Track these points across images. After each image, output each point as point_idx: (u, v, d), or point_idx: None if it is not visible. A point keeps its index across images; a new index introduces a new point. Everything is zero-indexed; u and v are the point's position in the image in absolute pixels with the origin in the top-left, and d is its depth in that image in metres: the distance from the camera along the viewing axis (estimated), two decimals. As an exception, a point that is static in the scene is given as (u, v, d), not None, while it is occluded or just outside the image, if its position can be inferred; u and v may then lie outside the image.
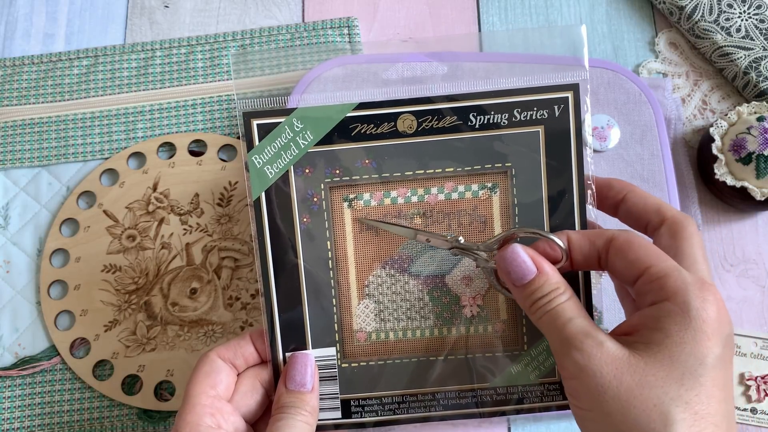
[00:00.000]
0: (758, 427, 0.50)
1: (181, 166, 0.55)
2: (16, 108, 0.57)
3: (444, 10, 0.61)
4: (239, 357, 0.40)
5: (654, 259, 0.33)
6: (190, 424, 0.36)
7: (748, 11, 0.56)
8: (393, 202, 0.41)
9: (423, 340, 0.41)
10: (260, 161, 0.40)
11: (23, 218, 0.55)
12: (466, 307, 0.41)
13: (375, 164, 0.40)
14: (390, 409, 0.41)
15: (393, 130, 0.40)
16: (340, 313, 0.41)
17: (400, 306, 0.41)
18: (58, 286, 0.54)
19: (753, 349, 0.52)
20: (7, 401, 0.51)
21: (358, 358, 0.41)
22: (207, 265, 0.53)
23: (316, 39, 0.58)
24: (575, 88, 0.39)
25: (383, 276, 0.41)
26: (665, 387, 0.30)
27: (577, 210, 0.40)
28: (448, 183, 0.41)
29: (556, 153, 0.39)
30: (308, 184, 0.40)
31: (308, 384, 0.39)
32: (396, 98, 0.40)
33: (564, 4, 0.60)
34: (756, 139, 0.50)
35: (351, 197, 0.41)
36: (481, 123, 0.40)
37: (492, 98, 0.39)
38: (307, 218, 0.40)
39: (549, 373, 0.41)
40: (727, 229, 0.55)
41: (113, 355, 0.52)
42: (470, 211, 0.41)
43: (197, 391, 0.37)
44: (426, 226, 0.41)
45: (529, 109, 0.39)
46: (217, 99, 0.57)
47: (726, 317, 0.32)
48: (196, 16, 0.61)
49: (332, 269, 0.41)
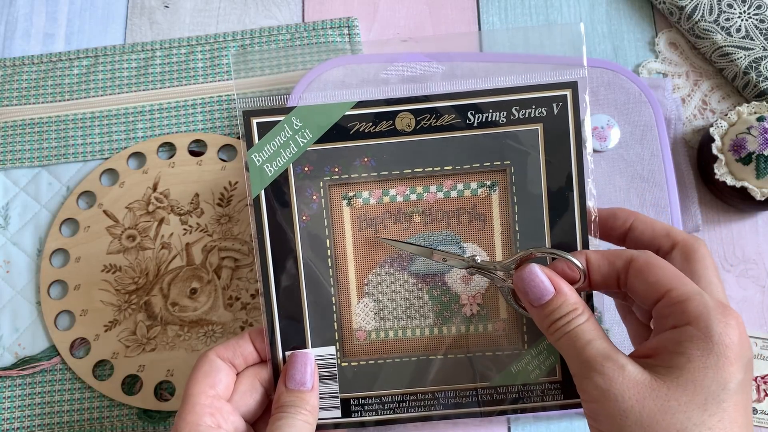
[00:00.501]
0: (758, 427, 0.50)
1: (181, 166, 0.55)
2: (16, 108, 0.57)
3: (444, 10, 0.61)
4: (238, 356, 0.40)
5: (675, 282, 0.33)
6: (190, 423, 0.36)
7: (748, 11, 0.56)
8: (392, 200, 0.41)
9: (423, 338, 0.41)
10: (260, 159, 0.40)
11: (23, 218, 0.55)
12: (466, 306, 0.41)
13: (374, 162, 0.40)
14: (390, 408, 0.41)
15: (391, 128, 0.40)
16: (340, 312, 0.41)
17: (400, 305, 0.41)
18: (58, 286, 0.54)
19: (753, 349, 0.52)
20: (7, 401, 0.51)
21: (357, 357, 0.41)
22: (207, 265, 0.53)
23: (316, 39, 0.58)
24: (574, 86, 0.39)
25: (383, 274, 0.41)
26: (688, 412, 0.30)
27: (577, 207, 0.39)
28: (447, 181, 0.40)
29: (556, 151, 0.39)
30: (307, 182, 0.40)
31: (308, 383, 0.39)
32: (394, 97, 0.40)
33: (564, 4, 0.60)
34: (756, 139, 0.50)
35: (350, 195, 0.41)
36: (479, 121, 0.40)
37: (490, 96, 0.39)
38: (306, 216, 0.40)
39: (549, 372, 0.40)
40: (727, 229, 0.55)
41: (113, 355, 0.52)
42: (469, 209, 0.41)
43: (196, 391, 0.37)
44: (425, 225, 0.41)
45: (528, 107, 0.39)
46: (217, 99, 0.57)
47: (747, 342, 0.32)
48: (196, 16, 0.61)
49: (331, 267, 0.41)
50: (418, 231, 0.41)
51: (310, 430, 0.38)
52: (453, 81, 0.42)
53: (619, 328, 0.49)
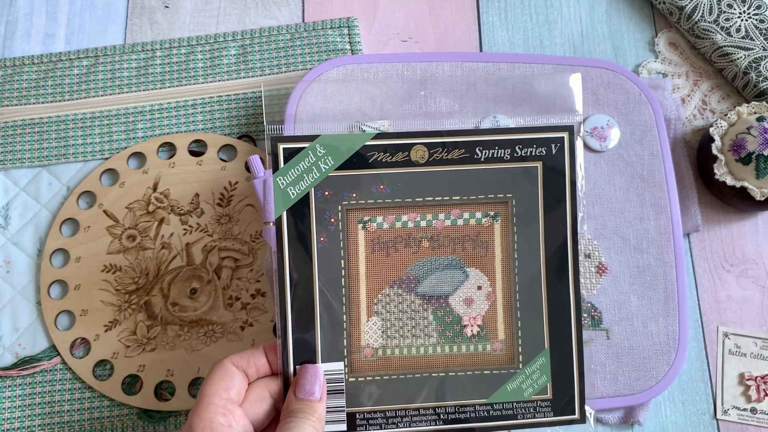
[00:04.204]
0: (758, 427, 0.50)
1: (181, 166, 0.55)
2: (16, 108, 0.57)
3: (444, 10, 0.61)
4: (252, 366, 0.41)
5: None
6: (204, 420, 0.38)
7: (748, 11, 0.57)
8: (404, 226, 0.43)
9: (426, 357, 0.43)
10: (284, 182, 0.42)
11: (23, 218, 0.55)
12: (467, 327, 0.44)
13: (389, 190, 0.43)
14: (393, 423, 0.43)
15: (407, 159, 0.43)
16: (350, 329, 0.43)
17: (406, 324, 0.44)
18: (58, 286, 0.54)
19: (753, 349, 0.52)
20: (7, 401, 0.51)
21: (364, 372, 0.43)
22: (207, 265, 0.53)
23: (316, 39, 0.58)
24: (570, 129, 0.43)
25: (391, 295, 0.44)
26: None
27: (570, 239, 0.43)
28: (455, 210, 0.43)
29: (552, 187, 0.43)
30: (327, 205, 0.43)
31: (317, 393, 0.40)
32: (411, 130, 0.43)
33: (564, 4, 0.60)
34: (756, 139, 0.50)
35: (365, 219, 0.43)
36: (486, 156, 0.43)
37: (497, 134, 0.43)
38: (324, 238, 0.43)
39: (541, 391, 0.43)
40: (727, 229, 0.55)
41: (113, 355, 0.52)
42: (473, 236, 0.44)
43: (211, 392, 0.39)
44: (433, 249, 0.44)
45: (529, 146, 0.43)
46: (217, 99, 0.57)
47: None
48: (196, 16, 0.61)
49: (344, 287, 0.43)
50: (426, 255, 0.44)
51: None
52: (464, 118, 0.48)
53: (618, 328, 0.49)
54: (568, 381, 0.43)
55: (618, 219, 0.51)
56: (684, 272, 0.50)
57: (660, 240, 0.51)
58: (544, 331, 0.43)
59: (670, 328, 0.49)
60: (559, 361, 0.43)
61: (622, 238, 0.51)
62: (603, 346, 0.49)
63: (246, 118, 0.56)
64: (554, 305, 0.43)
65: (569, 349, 0.43)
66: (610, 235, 0.51)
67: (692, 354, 0.52)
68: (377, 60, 0.53)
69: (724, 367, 0.52)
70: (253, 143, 0.56)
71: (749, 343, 0.52)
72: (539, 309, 0.43)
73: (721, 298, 0.53)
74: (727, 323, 0.53)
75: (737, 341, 0.52)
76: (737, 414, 0.51)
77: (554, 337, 0.43)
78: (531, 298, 0.43)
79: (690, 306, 0.53)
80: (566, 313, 0.43)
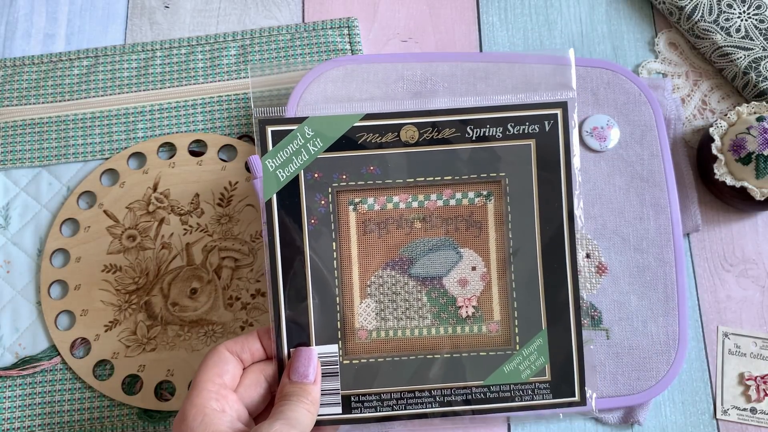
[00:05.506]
0: (758, 427, 0.50)
1: (182, 166, 0.55)
2: (16, 108, 0.57)
3: (444, 10, 0.61)
4: (246, 351, 0.41)
5: None
6: (197, 406, 0.38)
7: (748, 11, 0.57)
8: (395, 207, 0.43)
9: (421, 338, 0.43)
10: (273, 165, 0.42)
11: (24, 218, 0.55)
12: (462, 308, 0.43)
13: (379, 171, 0.43)
14: (389, 405, 0.43)
15: (396, 139, 0.42)
16: (343, 312, 0.43)
17: (400, 306, 0.43)
18: (59, 286, 0.54)
19: (753, 349, 0.52)
20: (7, 401, 0.51)
21: (359, 355, 0.43)
22: (207, 265, 0.53)
23: (316, 39, 0.58)
24: (564, 106, 0.43)
25: (384, 277, 0.43)
26: None
27: (566, 218, 0.42)
28: (447, 190, 0.43)
29: (547, 165, 0.43)
30: (317, 187, 0.42)
31: (311, 375, 0.41)
32: (400, 110, 0.43)
33: (564, 4, 0.60)
34: (756, 139, 0.50)
35: (356, 201, 0.43)
36: (477, 135, 0.43)
37: (488, 113, 0.42)
38: (314, 220, 0.42)
39: (539, 373, 0.43)
40: (727, 229, 0.55)
41: (113, 355, 0.52)
42: (467, 216, 0.43)
43: (204, 378, 0.39)
44: (425, 230, 0.43)
45: (522, 124, 0.42)
46: (217, 99, 0.57)
47: None
48: (196, 17, 0.61)
49: (336, 269, 0.43)
50: (418, 236, 0.43)
51: (311, 419, 0.39)
52: (454, 97, 0.45)
53: (618, 328, 0.49)
54: (566, 362, 0.43)
55: (618, 219, 0.51)
56: (684, 272, 0.50)
57: (660, 240, 0.51)
58: (541, 311, 0.43)
59: (669, 328, 0.49)
60: (557, 342, 0.43)
61: (622, 238, 0.51)
62: (603, 346, 0.49)
63: (246, 118, 0.56)
64: (551, 285, 0.43)
65: (567, 330, 0.43)
66: (610, 235, 0.51)
67: (692, 354, 0.52)
68: (377, 60, 0.53)
69: (724, 367, 0.52)
70: (253, 143, 0.56)
71: (749, 343, 0.52)
72: (536, 289, 0.43)
73: (720, 298, 0.53)
74: (726, 323, 0.53)
75: (737, 341, 0.52)
76: (737, 414, 0.51)
77: (552, 318, 0.43)
78: (527, 278, 0.43)
79: (690, 306, 0.53)
80: (564, 293, 0.43)
